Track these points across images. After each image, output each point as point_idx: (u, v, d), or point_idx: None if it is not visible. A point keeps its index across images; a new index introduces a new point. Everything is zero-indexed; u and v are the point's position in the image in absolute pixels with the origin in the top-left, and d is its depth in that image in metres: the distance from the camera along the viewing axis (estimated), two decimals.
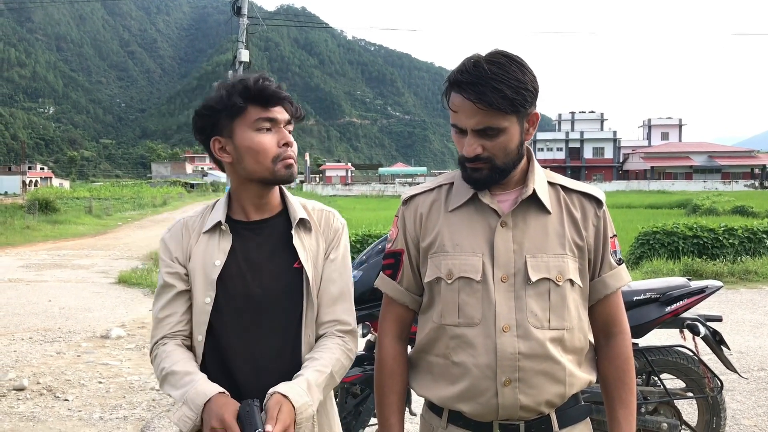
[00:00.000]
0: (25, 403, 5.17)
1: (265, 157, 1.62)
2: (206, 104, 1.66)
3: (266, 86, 1.62)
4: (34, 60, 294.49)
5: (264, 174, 1.64)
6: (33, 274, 12.82)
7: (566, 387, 1.56)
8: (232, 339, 1.64)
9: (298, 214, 1.70)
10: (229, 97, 1.61)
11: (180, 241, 1.71)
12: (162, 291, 1.70)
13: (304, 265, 1.66)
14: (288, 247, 1.67)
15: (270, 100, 1.63)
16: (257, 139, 1.62)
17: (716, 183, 63.93)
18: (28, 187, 79.83)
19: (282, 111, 1.65)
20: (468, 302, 1.55)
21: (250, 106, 1.62)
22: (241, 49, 16.78)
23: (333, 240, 1.74)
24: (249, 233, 1.69)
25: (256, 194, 1.69)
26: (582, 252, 1.59)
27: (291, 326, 1.66)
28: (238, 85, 1.62)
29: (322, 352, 1.63)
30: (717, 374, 3.45)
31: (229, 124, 1.63)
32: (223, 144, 1.66)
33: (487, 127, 1.49)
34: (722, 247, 11.45)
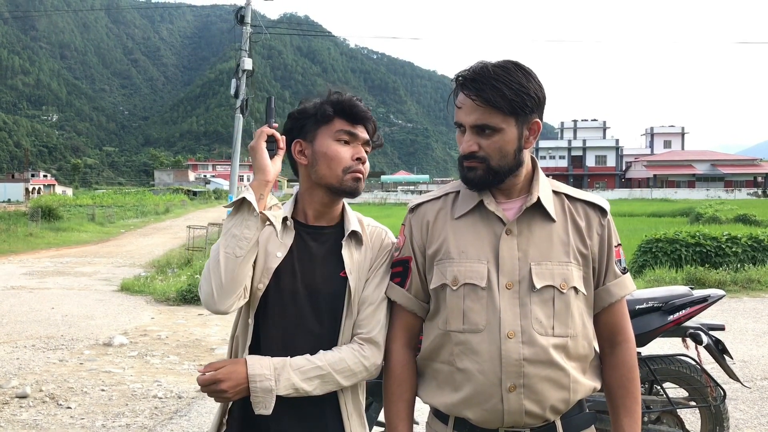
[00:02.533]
0: (28, 411, 5.17)
1: (338, 165, 1.72)
2: (300, 108, 1.78)
3: (356, 104, 1.75)
4: (38, 68, 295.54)
5: (332, 181, 1.73)
6: (36, 282, 12.84)
7: (570, 393, 1.57)
8: (271, 329, 1.71)
9: (352, 226, 1.78)
10: (321, 105, 1.74)
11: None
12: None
13: (349, 275, 1.73)
14: (338, 256, 1.75)
15: (356, 117, 1.75)
16: (334, 147, 1.73)
17: (719, 191, 63.80)
18: (32, 194, 79.98)
19: (363, 130, 1.77)
20: (473, 308, 1.56)
21: (336, 118, 1.74)
22: (244, 58, 16.82)
23: (380, 256, 1.81)
24: (307, 235, 1.77)
25: (320, 201, 1.78)
26: (586, 260, 1.61)
27: (329, 329, 1.73)
28: (332, 96, 1.75)
29: (330, 352, 1.70)
30: (720, 383, 3.44)
31: (313, 130, 1.75)
32: (303, 147, 1.77)
33: (484, 125, 1.53)
34: (725, 256, 11.44)
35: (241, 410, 1.71)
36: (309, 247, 1.76)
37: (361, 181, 1.75)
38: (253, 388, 1.60)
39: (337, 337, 1.72)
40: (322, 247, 1.76)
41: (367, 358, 1.72)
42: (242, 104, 16.36)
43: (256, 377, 1.60)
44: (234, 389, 1.60)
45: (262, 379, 1.61)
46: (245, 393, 1.61)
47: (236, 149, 16.53)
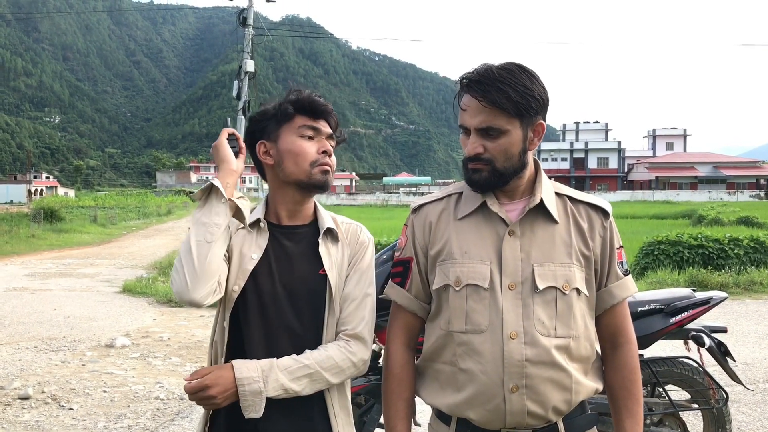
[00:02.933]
0: (30, 412, 5.18)
1: (304, 160, 1.73)
2: (261, 110, 1.80)
3: (315, 99, 1.77)
4: (41, 69, 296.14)
5: (301, 176, 1.73)
6: (38, 283, 12.85)
7: (572, 394, 1.57)
8: (253, 331, 1.71)
9: (326, 224, 1.79)
10: (280, 105, 1.76)
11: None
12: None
13: (328, 272, 1.73)
14: (315, 255, 1.75)
15: (317, 112, 1.77)
16: (299, 143, 1.74)
17: (721, 193, 63.75)
18: (34, 196, 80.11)
19: (326, 125, 1.79)
20: (475, 309, 1.57)
21: (297, 115, 1.75)
22: (246, 59, 16.86)
23: (358, 252, 1.81)
24: (281, 236, 1.77)
25: (292, 199, 1.78)
26: (588, 262, 1.61)
27: (311, 328, 1.73)
28: (291, 95, 1.77)
29: (315, 352, 1.69)
30: (722, 385, 3.44)
31: (276, 129, 1.76)
32: (267, 148, 1.78)
33: (489, 127, 1.53)
34: (727, 258, 11.42)
35: (225, 417, 1.69)
36: (284, 247, 1.76)
37: (329, 174, 1.76)
38: (242, 391, 1.59)
39: (321, 336, 1.72)
40: (297, 246, 1.77)
41: (354, 353, 1.72)
42: (244, 106, 16.40)
43: (244, 380, 1.59)
44: (223, 394, 1.59)
45: (250, 382, 1.60)
46: (234, 398, 1.60)
47: None
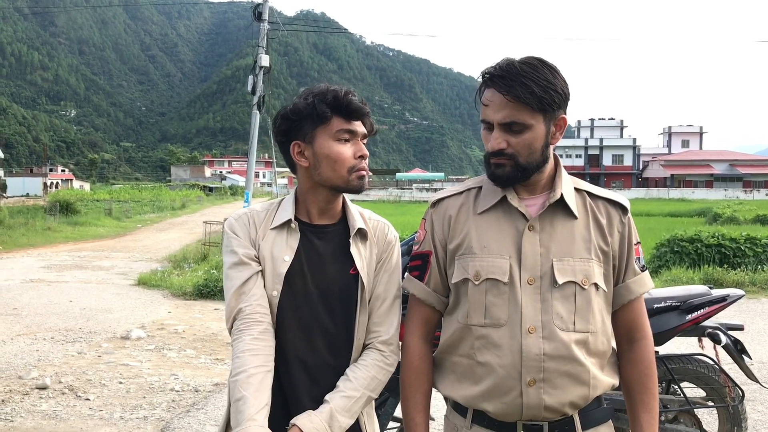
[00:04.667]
0: (48, 402, 5.24)
1: (342, 167, 1.71)
2: (294, 109, 1.73)
3: (352, 100, 1.72)
4: (57, 63, 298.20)
5: (338, 182, 1.72)
6: (54, 275, 12.98)
7: (590, 389, 1.58)
8: (288, 332, 1.71)
9: (357, 223, 1.78)
10: (317, 105, 1.70)
11: (247, 232, 1.77)
12: (237, 270, 1.72)
13: (360, 272, 1.74)
14: (346, 254, 1.76)
15: (354, 113, 1.73)
16: (336, 149, 1.71)
17: (737, 191, 63.19)
18: (50, 189, 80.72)
19: (361, 125, 1.76)
20: (495, 303, 1.58)
21: (334, 117, 1.71)
22: (261, 54, 16.85)
23: (386, 251, 1.83)
24: (312, 235, 1.77)
25: (324, 199, 1.78)
26: (607, 257, 1.62)
27: (343, 327, 1.74)
28: (328, 95, 1.71)
29: (358, 371, 1.71)
30: (738, 383, 3.42)
31: (311, 131, 1.72)
32: (302, 149, 1.74)
33: (513, 122, 1.53)
34: (744, 256, 11.33)
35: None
36: (315, 247, 1.76)
37: (365, 178, 1.76)
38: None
39: (353, 334, 1.74)
40: (328, 246, 1.77)
41: (391, 364, 1.77)
42: (259, 101, 16.41)
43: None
44: None
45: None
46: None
47: (252, 146, 16.57)
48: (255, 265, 1.72)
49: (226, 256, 1.76)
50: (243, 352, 1.63)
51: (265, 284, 1.71)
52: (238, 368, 1.61)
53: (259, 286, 1.70)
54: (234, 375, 1.62)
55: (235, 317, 1.69)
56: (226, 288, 1.73)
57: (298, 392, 1.70)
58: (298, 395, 1.69)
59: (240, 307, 1.68)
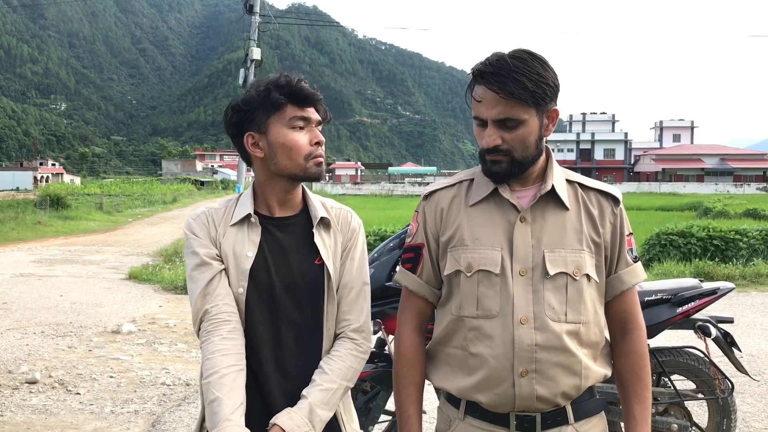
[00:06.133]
0: (38, 396, 5.22)
1: (298, 154, 1.69)
2: (245, 99, 1.70)
3: (304, 87, 1.70)
4: (47, 56, 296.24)
5: (296, 170, 1.70)
6: (44, 269, 12.92)
7: (582, 379, 1.58)
8: (258, 328, 1.70)
9: (320, 213, 1.76)
10: (268, 94, 1.67)
11: (207, 231, 1.74)
12: (200, 270, 1.69)
13: (326, 261, 1.72)
14: (310, 244, 1.74)
15: (306, 100, 1.70)
16: (291, 136, 1.68)
17: (728, 186, 63.57)
18: (40, 182, 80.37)
19: (315, 112, 1.73)
20: (487, 294, 1.58)
21: (288, 104, 1.68)
22: (252, 47, 16.79)
23: (351, 239, 1.80)
24: (274, 228, 1.75)
25: (283, 189, 1.75)
26: (599, 248, 1.62)
27: (313, 319, 1.73)
28: (278, 82, 1.68)
29: (332, 362, 1.70)
30: (728, 376, 3.44)
31: (264, 120, 1.69)
32: (256, 139, 1.71)
33: (507, 118, 1.53)
34: (735, 250, 11.40)
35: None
36: (278, 240, 1.73)
37: (323, 165, 1.73)
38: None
39: (322, 325, 1.73)
40: (291, 238, 1.74)
41: (365, 351, 1.76)
42: None
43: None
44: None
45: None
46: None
47: None
48: (217, 265, 1.69)
49: (188, 257, 1.72)
50: (213, 353, 1.60)
51: (230, 282, 1.68)
52: (209, 370, 1.59)
53: (224, 285, 1.68)
54: (206, 377, 1.60)
55: (201, 319, 1.66)
56: (191, 290, 1.70)
57: (271, 387, 1.68)
58: (270, 390, 1.68)
59: (206, 308, 1.65)
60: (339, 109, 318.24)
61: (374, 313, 3.41)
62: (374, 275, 3.38)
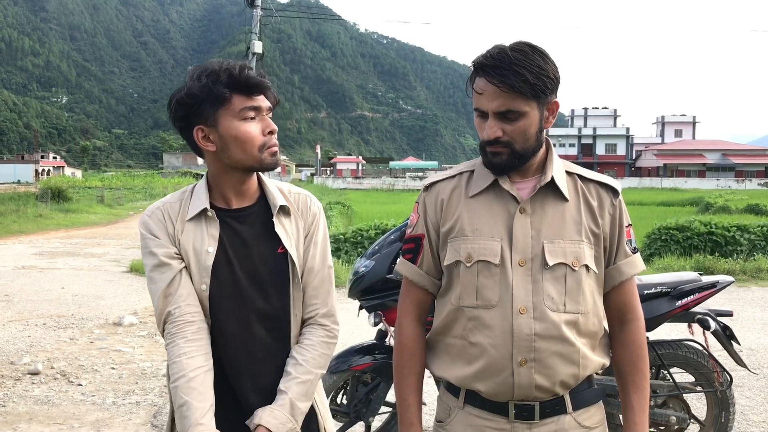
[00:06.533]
0: (40, 387, 5.24)
1: (252, 146, 1.64)
2: (189, 92, 1.62)
3: (251, 75, 1.62)
4: (48, 49, 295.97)
5: (251, 162, 1.66)
6: (46, 262, 12.94)
7: (580, 369, 1.59)
8: (225, 323, 1.68)
9: (278, 201, 1.73)
10: (213, 86, 1.60)
11: (164, 227, 1.69)
12: (159, 271, 1.65)
13: (288, 249, 1.71)
14: (270, 233, 1.71)
15: (254, 89, 1.64)
16: (243, 128, 1.63)
17: (729, 181, 63.41)
18: (41, 175, 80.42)
19: (264, 99, 1.67)
20: (486, 285, 1.59)
21: (234, 96, 1.61)
22: (254, 41, 16.79)
23: (312, 223, 1.79)
24: (232, 221, 1.71)
25: (238, 181, 1.71)
26: (598, 239, 1.63)
27: (279, 306, 1.72)
28: (222, 74, 1.61)
29: (306, 352, 1.71)
30: (726, 369, 3.46)
31: (212, 113, 1.62)
32: (206, 133, 1.65)
33: (508, 110, 1.53)
34: (735, 245, 11.41)
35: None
36: (238, 232, 1.70)
37: (278, 154, 1.69)
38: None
39: (289, 311, 1.72)
40: (251, 229, 1.71)
41: (334, 335, 1.77)
42: None
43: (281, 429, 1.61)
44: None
45: (288, 429, 1.62)
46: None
47: None
48: (177, 264, 1.65)
49: (146, 258, 1.68)
50: (179, 357, 1.59)
51: (192, 279, 1.65)
52: (176, 373, 1.58)
53: (185, 284, 1.65)
54: (173, 381, 1.58)
55: (165, 320, 1.64)
56: (152, 291, 1.66)
57: (242, 378, 1.68)
58: (241, 381, 1.68)
59: (168, 310, 1.63)
60: (340, 103, 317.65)
61: (375, 305, 3.43)
62: (375, 268, 3.40)
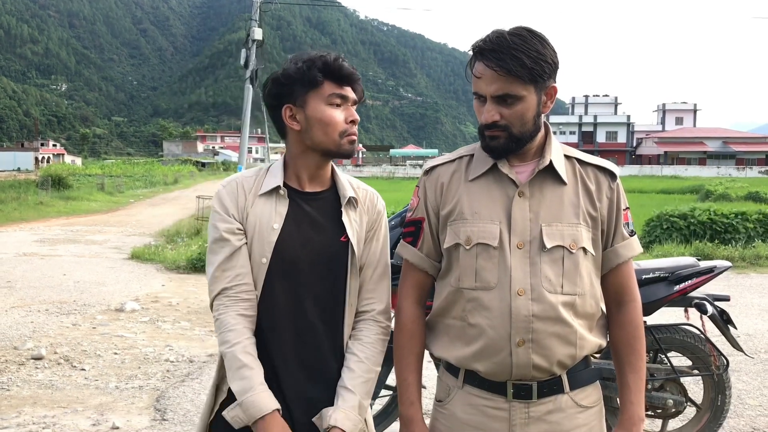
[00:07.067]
0: (44, 372, 5.29)
1: (334, 131, 1.72)
2: (285, 73, 1.73)
3: (343, 65, 1.73)
4: (47, 37, 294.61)
5: (330, 146, 1.73)
6: (47, 249, 12.98)
7: (577, 349, 1.62)
8: (279, 298, 1.73)
9: (348, 192, 1.80)
10: (309, 70, 1.70)
11: (236, 199, 1.75)
12: (219, 245, 1.72)
13: (351, 239, 1.76)
14: (336, 221, 1.77)
15: (345, 79, 1.74)
16: (329, 113, 1.72)
17: (730, 169, 63.33)
18: (41, 163, 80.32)
19: (352, 91, 1.76)
20: (485, 267, 1.61)
21: (326, 81, 1.72)
22: (254, 28, 16.72)
23: (376, 221, 1.85)
24: (302, 202, 1.77)
25: (315, 164, 1.78)
26: (595, 222, 1.65)
27: (334, 292, 1.77)
28: (318, 60, 1.71)
29: (366, 350, 1.77)
30: (723, 353, 3.49)
31: (303, 95, 1.72)
32: (294, 112, 1.74)
33: (505, 94, 1.56)
34: (735, 232, 11.44)
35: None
36: (306, 213, 1.76)
37: (355, 143, 1.78)
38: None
39: (344, 299, 1.77)
40: (319, 213, 1.77)
41: (388, 333, 1.83)
42: (252, 75, 16.31)
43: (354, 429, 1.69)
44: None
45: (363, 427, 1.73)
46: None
47: (245, 121, 16.49)
48: (236, 241, 1.71)
49: (210, 230, 1.76)
50: (234, 326, 1.66)
51: (254, 252, 1.71)
52: (232, 339, 1.65)
53: (243, 262, 1.71)
54: (230, 344, 1.64)
55: (219, 293, 1.70)
56: (210, 262, 1.73)
57: (287, 356, 1.72)
58: (285, 359, 1.72)
59: (225, 286, 1.70)
60: None
61: None
62: None
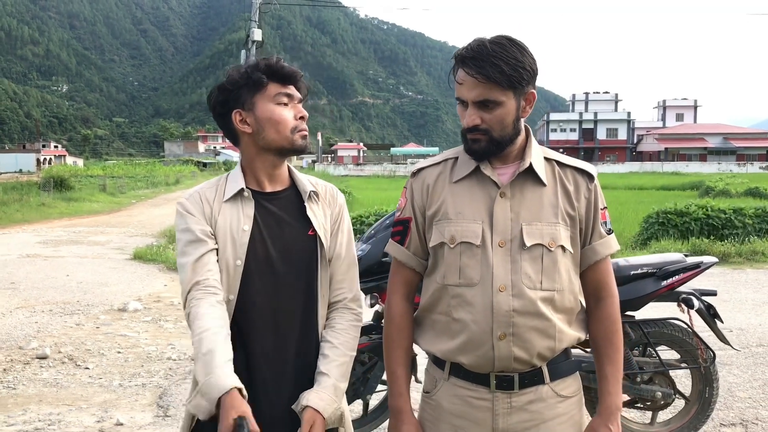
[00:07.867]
0: (48, 371, 5.39)
1: (285, 128, 1.81)
2: (230, 79, 1.82)
3: (285, 66, 1.83)
4: (48, 38, 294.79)
5: (283, 143, 1.82)
6: (50, 250, 13.07)
7: (556, 342, 1.72)
8: (256, 297, 1.81)
9: (308, 187, 1.89)
10: (252, 73, 1.80)
11: (201, 210, 1.82)
12: (193, 246, 1.76)
13: (318, 232, 1.85)
14: (301, 217, 1.86)
15: (288, 78, 1.83)
16: (278, 111, 1.81)
17: (731, 165, 63.29)
18: (43, 165, 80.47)
19: (295, 90, 1.85)
20: (468, 264, 1.71)
21: (270, 82, 1.81)
22: (253, 28, 16.83)
23: (338, 214, 1.94)
24: (266, 202, 1.86)
25: (271, 164, 1.86)
26: (574, 221, 1.74)
27: (307, 284, 1.86)
28: (260, 63, 1.82)
29: (340, 336, 1.85)
30: (710, 346, 3.58)
31: (250, 98, 1.81)
32: (244, 116, 1.82)
33: (485, 100, 1.65)
34: (732, 228, 11.50)
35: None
36: (271, 213, 1.83)
37: (307, 138, 1.86)
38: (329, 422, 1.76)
39: (317, 291, 1.86)
40: (284, 211, 1.85)
41: (360, 318, 1.93)
42: None
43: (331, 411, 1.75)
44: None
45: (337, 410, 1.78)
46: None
47: None
48: (211, 243, 1.77)
49: (181, 234, 1.80)
50: (204, 315, 1.68)
51: (227, 256, 1.77)
52: (202, 326, 1.66)
53: (214, 262, 1.76)
54: (198, 333, 1.67)
55: (191, 288, 1.73)
56: (182, 264, 1.77)
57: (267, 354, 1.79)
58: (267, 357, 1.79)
59: (197, 279, 1.73)
60: (341, 90, 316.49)
61: (371, 288, 3.54)
62: (371, 251, 3.51)
